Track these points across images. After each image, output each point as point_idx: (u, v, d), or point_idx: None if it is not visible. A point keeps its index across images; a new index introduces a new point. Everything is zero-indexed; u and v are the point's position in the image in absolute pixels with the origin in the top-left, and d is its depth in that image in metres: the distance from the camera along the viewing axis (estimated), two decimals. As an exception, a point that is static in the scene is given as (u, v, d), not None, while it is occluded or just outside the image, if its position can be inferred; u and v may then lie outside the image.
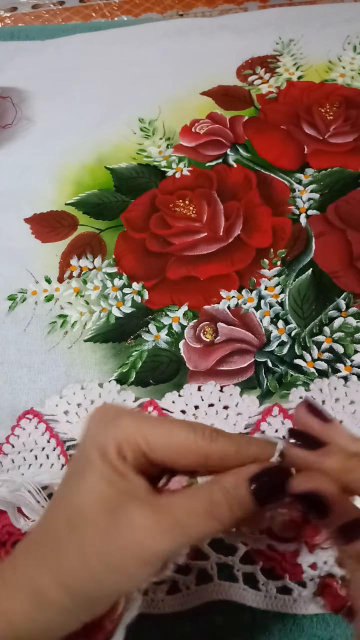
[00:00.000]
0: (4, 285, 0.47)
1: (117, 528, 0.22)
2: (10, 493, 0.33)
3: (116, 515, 0.22)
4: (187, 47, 0.63)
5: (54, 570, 0.22)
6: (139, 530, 0.22)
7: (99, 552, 0.22)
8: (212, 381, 0.39)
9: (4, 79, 0.62)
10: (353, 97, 0.55)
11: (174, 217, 0.48)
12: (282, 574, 0.31)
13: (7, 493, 0.33)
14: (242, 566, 0.32)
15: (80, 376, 0.41)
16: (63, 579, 0.22)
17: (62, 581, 0.22)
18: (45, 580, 0.22)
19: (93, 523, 0.22)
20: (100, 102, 0.59)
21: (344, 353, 0.40)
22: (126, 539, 0.22)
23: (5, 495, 0.33)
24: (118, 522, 0.22)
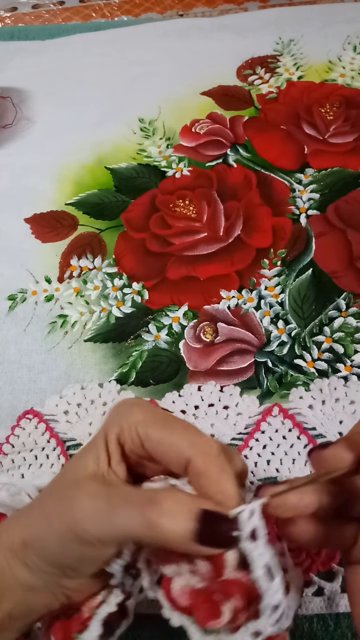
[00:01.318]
0: (4, 285, 0.47)
1: (68, 499, 0.23)
2: (10, 497, 0.33)
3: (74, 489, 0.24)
4: (187, 47, 0.63)
5: (22, 524, 0.24)
6: (77, 508, 0.23)
7: (49, 514, 0.24)
8: (212, 381, 0.39)
9: (4, 79, 0.62)
10: (353, 97, 0.55)
11: (174, 217, 0.48)
12: None
13: (7, 497, 0.33)
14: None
15: (80, 376, 0.41)
16: (25, 534, 0.24)
17: (24, 536, 0.23)
18: (15, 534, 0.24)
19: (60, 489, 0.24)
20: (100, 102, 0.59)
21: (344, 353, 0.40)
22: (67, 512, 0.23)
23: (6, 499, 0.33)
24: (71, 494, 0.23)
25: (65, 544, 0.22)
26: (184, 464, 0.24)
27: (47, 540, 0.23)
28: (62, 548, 0.23)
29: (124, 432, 0.25)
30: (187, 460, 0.23)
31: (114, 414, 0.26)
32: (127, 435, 0.25)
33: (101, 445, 0.25)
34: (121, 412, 0.26)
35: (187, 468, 0.24)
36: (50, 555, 0.23)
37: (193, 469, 0.23)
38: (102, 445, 0.25)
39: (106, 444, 0.25)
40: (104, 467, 0.24)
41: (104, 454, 0.25)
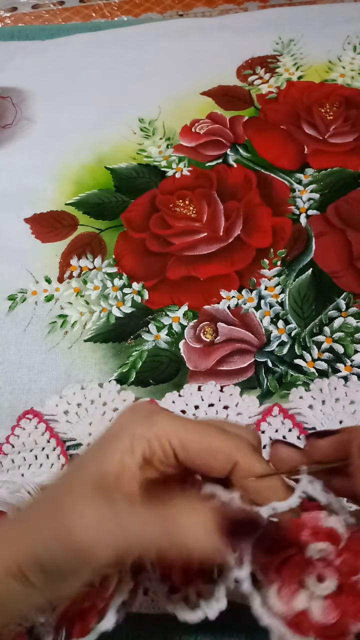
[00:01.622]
0: (4, 285, 0.47)
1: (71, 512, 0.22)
2: (10, 494, 0.33)
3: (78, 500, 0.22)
4: (187, 47, 0.63)
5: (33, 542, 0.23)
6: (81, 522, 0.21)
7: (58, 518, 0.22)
8: (212, 381, 0.39)
9: (4, 79, 0.62)
10: (353, 97, 0.55)
11: (174, 217, 0.48)
12: None
13: (7, 494, 0.33)
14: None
15: (80, 376, 0.41)
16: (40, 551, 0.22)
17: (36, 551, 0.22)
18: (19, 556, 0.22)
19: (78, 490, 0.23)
20: (100, 102, 0.59)
21: (344, 353, 0.40)
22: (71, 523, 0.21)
23: (5, 497, 0.33)
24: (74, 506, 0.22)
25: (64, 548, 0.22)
26: (230, 468, 0.23)
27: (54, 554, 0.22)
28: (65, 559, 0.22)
29: (152, 444, 0.23)
30: (235, 464, 0.23)
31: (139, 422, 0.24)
32: (157, 447, 0.23)
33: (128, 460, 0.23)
34: (143, 422, 0.24)
35: (232, 471, 0.23)
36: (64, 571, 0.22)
37: (240, 470, 0.23)
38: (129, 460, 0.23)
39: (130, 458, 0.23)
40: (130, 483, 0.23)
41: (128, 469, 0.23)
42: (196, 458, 0.23)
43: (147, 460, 0.23)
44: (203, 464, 0.24)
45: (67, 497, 0.23)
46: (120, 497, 0.23)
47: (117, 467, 0.23)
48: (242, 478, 0.24)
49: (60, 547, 0.21)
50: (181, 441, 0.23)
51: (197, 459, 0.23)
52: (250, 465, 0.23)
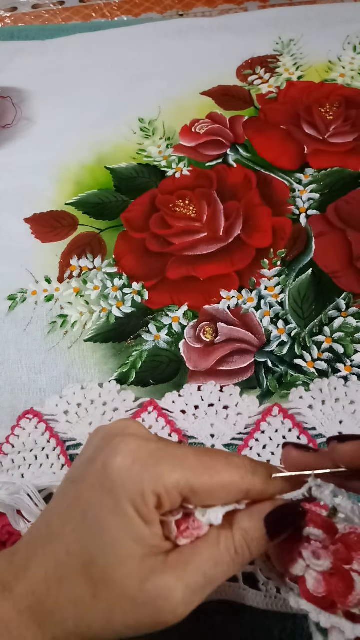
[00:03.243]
0: (4, 285, 0.47)
1: (150, 598, 0.21)
2: (9, 496, 0.33)
3: (147, 584, 0.21)
4: (187, 47, 0.63)
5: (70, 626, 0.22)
6: (174, 601, 0.21)
7: (128, 620, 0.22)
8: (212, 381, 0.39)
9: (4, 79, 0.62)
10: (353, 97, 0.55)
11: (174, 217, 0.48)
12: None
13: (6, 496, 0.33)
14: (242, 566, 0.32)
15: (80, 376, 0.41)
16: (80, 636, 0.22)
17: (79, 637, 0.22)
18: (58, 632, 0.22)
19: (122, 592, 0.21)
20: (100, 102, 0.59)
21: (344, 353, 0.40)
22: (160, 609, 0.21)
23: (5, 499, 0.33)
24: (150, 592, 0.21)
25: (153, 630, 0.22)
26: (243, 495, 0.24)
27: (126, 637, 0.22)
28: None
29: (161, 500, 0.22)
30: (247, 491, 0.24)
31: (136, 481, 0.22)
32: (166, 500, 0.22)
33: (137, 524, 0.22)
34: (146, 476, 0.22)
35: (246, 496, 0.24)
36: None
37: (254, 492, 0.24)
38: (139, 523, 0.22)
39: (143, 518, 0.22)
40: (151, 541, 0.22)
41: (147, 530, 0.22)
42: (208, 499, 0.23)
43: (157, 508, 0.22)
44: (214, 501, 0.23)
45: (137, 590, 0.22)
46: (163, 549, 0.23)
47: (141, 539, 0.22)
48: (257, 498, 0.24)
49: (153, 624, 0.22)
50: (191, 488, 0.22)
51: (209, 499, 0.23)
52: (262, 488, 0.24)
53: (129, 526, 0.22)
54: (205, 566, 0.22)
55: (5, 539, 0.34)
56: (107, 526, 0.22)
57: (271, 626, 0.31)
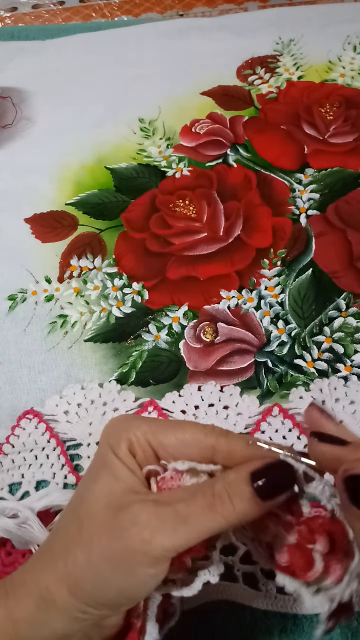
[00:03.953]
0: (4, 285, 0.47)
1: (122, 526, 0.22)
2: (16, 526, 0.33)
3: (121, 513, 0.22)
4: (187, 47, 0.63)
5: (60, 571, 0.22)
6: (143, 528, 0.22)
7: (104, 551, 0.22)
8: (212, 381, 0.39)
9: (4, 79, 0.62)
10: (353, 97, 0.55)
11: (174, 217, 0.48)
12: None
13: (12, 525, 0.33)
14: (242, 566, 0.32)
15: (80, 376, 0.41)
16: (68, 580, 0.22)
17: (67, 582, 0.22)
18: (51, 581, 0.22)
19: (99, 521, 0.23)
20: (100, 102, 0.59)
21: (344, 353, 0.40)
22: (131, 538, 0.22)
23: (11, 528, 0.33)
24: (123, 520, 0.22)
25: (136, 574, 0.22)
26: (209, 454, 0.24)
27: (110, 582, 0.22)
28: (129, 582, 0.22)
29: (133, 445, 0.25)
30: (212, 449, 0.24)
31: (115, 430, 0.25)
32: (137, 447, 0.25)
33: (115, 463, 0.24)
34: (123, 426, 0.25)
35: (213, 456, 0.24)
36: (110, 597, 0.22)
37: (221, 452, 0.24)
38: (116, 462, 0.24)
39: (121, 460, 0.24)
40: (130, 481, 0.24)
41: (123, 469, 0.24)
42: (174, 451, 0.24)
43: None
44: (181, 455, 0.24)
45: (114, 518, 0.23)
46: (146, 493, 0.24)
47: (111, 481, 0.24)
48: (225, 459, 0.24)
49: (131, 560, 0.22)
50: (157, 439, 0.25)
51: (174, 452, 0.24)
52: (227, 445, 0.24)
53: (108, 464, 0.24)
54: (179, 505, 0.22)
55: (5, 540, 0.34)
56: (93, 468, 0.25)
57: (271, 626, 0.31)
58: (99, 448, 0.26)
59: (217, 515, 0.22)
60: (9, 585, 0.23)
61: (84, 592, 0.22)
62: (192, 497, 0.23)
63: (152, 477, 0.25)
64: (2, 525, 0.33)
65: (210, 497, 0.22)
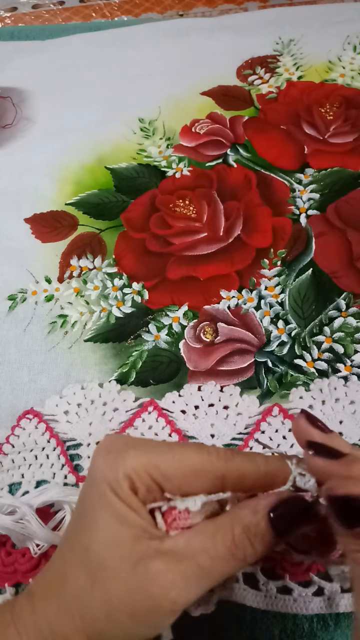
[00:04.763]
0: (4, 285, 0.47)
1: (144, 584, 0.21)
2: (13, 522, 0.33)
3: (140, 568, 0.22)
4: (187, 47, 0.63)
5: (77, 621, 0.22)
6: (169, 589, 0.21)
7: (124, 606, 0.22)
8: (212, 381, 0.39)
9: (4, 79, 0.62)
10: (353, 97, 0.55)
11: (174, 217, 0.48)
12: (282, 574, 0.31)
13: (9, 521, 0.33)
14: (242, 566, 0.32)
15: (80, 376, 0.41)
16: (88, 631, 0.22)
17: (87, 633, 0.22)
18: (68, 630, 0.22)
19: (116, 576, 0.22)
20: (100, 102, 0.59)
21: (344, 353, 0.40)
22: (154, 597, 0.21)
23: (8, 524, 0.33)
24: (143, 577, 0.22)
25: (160, 626, 0.22)
26: (220, 482, 0.23)
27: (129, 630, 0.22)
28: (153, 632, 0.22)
29: (134, 483, 0.23)
30: (223, 478, 0.23)
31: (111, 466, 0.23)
32: (139, 484, 0.23)
33: (118, 505, 0.23)
34: (118, 461, 0.23)
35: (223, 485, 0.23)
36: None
37: (232, 479, 0.23)
38: (120, 505, 0.23)
39: (124, 502, 0.23)
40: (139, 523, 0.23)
41: (130, 512, 0.23)
42: (180, 484, 0.23)
43: None
44: (189, 488, 0.23)
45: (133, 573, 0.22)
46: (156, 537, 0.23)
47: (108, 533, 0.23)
48: (236, 485, 0.23)
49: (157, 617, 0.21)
50: (161, 472, 0.23)
51: (181, 485, 0.23)
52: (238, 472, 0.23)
53: (112, 509, 0.22)
54: (200, 557, 0.22)
55: (5, 539, 0.34)
56: (94, 512, 0.23)
57: (271, 626, 0.31)
58: (94, 484, 0.24)
59: (239, 562, 0.22)
60: (22, 627, 0.23)
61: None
62: (213, 547, 0.22)
63: (157, 511, 0.24)
64: (0, 522, 0.33)
65: (231, 544, 0.22)
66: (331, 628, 0.31)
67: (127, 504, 0.23)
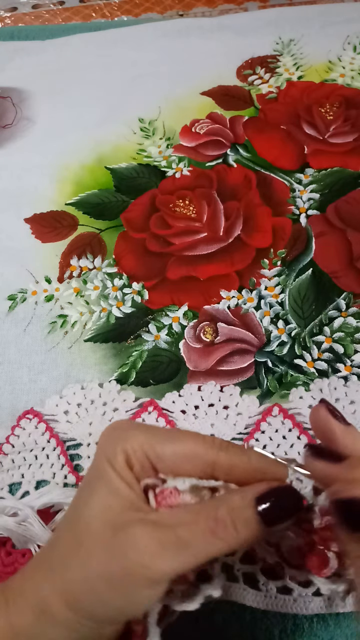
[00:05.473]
0: (4, 285, 0.47)
1: (121, 548, 0.22)
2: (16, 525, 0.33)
3: (120, 534, 0.22)
4: (187, 47, 0.63)
5: (58, 585, 0.22)
6: (143, 552, 0.21)
7: (101, 570, 0.22)
8: (212, 381, 0.39)
9: (4, 79, 0.62)
10: (353, 97, 0.55)
11: (174, 217, 0.48)
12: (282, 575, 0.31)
13: (12, 524, 0.33)
14: (242, 566, 0.31)
15: (80, 376, 0.41)
16: (67, 595, 0.22)
17: (65, 597, 0.22)
18: (49, 594, 0.22)
19: (98, 539, 0.22)
20: (100, 102, 0.59)
21: (344, 353, 0.40)
22: (129, 560, 0.21)
23: (11, 526, 0.33)
24: (122, 541, 0.22)
25: (134, 596, 0.21)
26: (209, 470, 0.23)
27: (108, 602, 0.21)
28: (128, 602, 0.22)
29: (130, 458, 0.24)
30: (213, 464, 0.23)
31: (111, 441, 0.25)
32: (135, 460, 0.24)
33: (113, 477, 0.23)
34: (119, 437, 0.24)
35: (213, 471, 0.24)
36: (108, 614, 0.22)
37: (222, 468, 0.23)
38: (114, 476, 0.23)
39: (118, 474, 0.23)
40: (129, 496, 0.23)
41: (122, 484, 0.23)
42: (172, 466, 0.24)
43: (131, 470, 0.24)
44: (179, 470, 0.24)
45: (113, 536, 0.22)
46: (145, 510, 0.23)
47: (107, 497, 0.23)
48: (226, 474, 0.24)
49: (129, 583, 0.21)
50: (155, 451, 0.24)
51: (174, 467, 0.24)
52: (229, 460, 0.23)
53: (106, 480, 0.23)
54: (180, 530, 0.22)
55: (5, 539, 0.34)
56: (91, 484, 0.24)
57: (271, 626, 0.31)
58: (95, 459, 0.25)
59: (219, 541, 0.21)
60: (8, 592, 0.23)
61: (82, 608, 0.22)
62: (194, 521, 0.22)
63: (150, 490, 0.24)
64: (2, 523, 0.33)
65: (212, 522, 0.22)
66: (331, 628, 0.31)
67: (121, 476, 0.23)
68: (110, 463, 0.24)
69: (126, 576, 0.21)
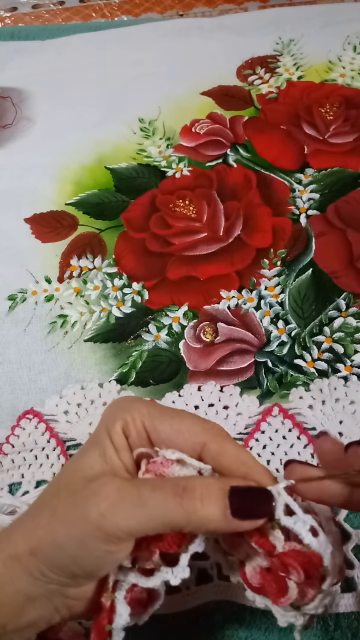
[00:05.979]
0: (4, 285, 0.47)
1: (86, 495, 0.22)
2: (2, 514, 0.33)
3: (90, 484, 0.23)
4: (187, 47, 0.63)
5: (27, 527, 0.23)
6: (102, 499, 0.22)
7: (63, 515, 0.22)
8: (212, 381, 0.39)
9: (4, 79, 0.62)
10: (353, 97, 0.55)
11: (174, 217, 0.48)
12: None
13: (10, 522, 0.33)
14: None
15: (80, 376, 0.41)
16: (32, 538, 0.22)
17: (30, 542, 0.22)
18: (19, 537, 0.23)
19: (71, 489, 0.23)
20: (100, 102, 0.59)
21: (344, 353, 0.40)
22: (89, 509, 0.22)
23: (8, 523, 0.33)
24: (88, 490, 0.22)
25: (88, 546, 0.21)
26: (199, 450, 0.24)
27: (64, 547, 0.22)
28: (82, 551, 0.22)
29: (128, 426, 0.25)
30: (202, 445, 0.24)
31: (114, 410, 0.26)
32: (132, 428, 0.25)
33: (105, 441, 0.24)
34: (122, 407, 0.25)
35: (201, 453, 0.24)
36: (64, 563, 0.22)
37: (210, 451, 0.24)
38: (107, 440, 0.24)
39: (110, 439, 0.24)
40: (114, 461, 0.24)
41: (111, 448, 0.24)
42: (166, 438, 0.24)
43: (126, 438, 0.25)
44: (171, 445, 0.24)
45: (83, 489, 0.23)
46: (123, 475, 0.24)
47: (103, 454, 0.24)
48: (213, 459, 0.24)
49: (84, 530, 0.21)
50: (153, 423, 0.25)
51: (166, 439, 0.24)
52: (220, 447, 0.24)
53: (99, 442, 0.24)
54: (143, 485, 0.22)
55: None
56: (86, 443, 0.26)
57: (271, 626, 0.31)
58: (97, 425, 0.26)
59: (180, 508, 0.22)
60: None
61: (42, 553, 0.22)
62: (161, 485, 0.22)
63: (144, 460, 0.25)
64: (0, 522, 0.33)
65: (180, 489, 0.22)
66: (331, 628, 0.31)
67: (113, 442, 0.24)
68: (108, 429, 0.25)
69: (82, 522, 0.22)
